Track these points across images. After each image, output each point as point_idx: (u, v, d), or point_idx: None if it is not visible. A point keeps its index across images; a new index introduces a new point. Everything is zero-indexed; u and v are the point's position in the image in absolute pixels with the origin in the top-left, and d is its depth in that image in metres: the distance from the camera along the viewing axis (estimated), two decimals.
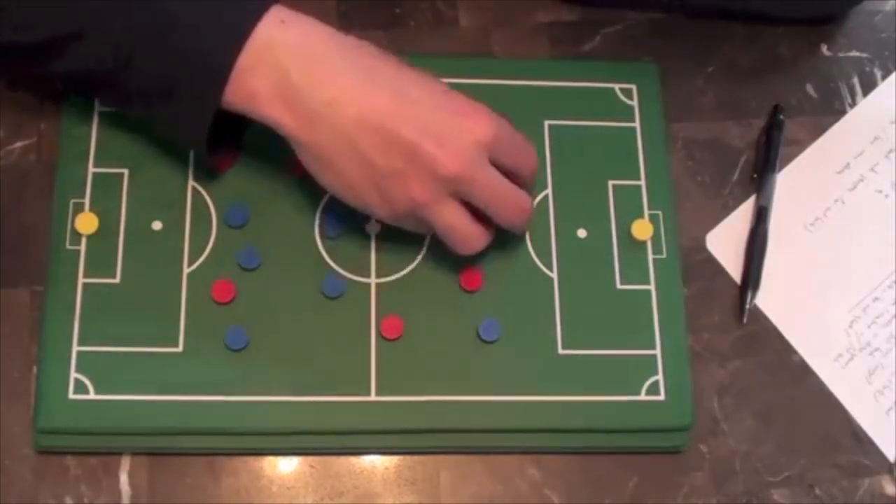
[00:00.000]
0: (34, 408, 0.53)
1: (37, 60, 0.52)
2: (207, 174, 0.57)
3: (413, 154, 0.49)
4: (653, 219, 0.60)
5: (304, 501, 0.54)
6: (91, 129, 0.58)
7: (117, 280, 0.55)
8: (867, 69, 0.67)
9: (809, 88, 0.66)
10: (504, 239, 0.58)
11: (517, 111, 0.61)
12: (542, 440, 0.56)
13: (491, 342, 0.56)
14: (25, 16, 0.50)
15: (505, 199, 0.52)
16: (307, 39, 0.50)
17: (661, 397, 0.57)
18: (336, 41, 0.51)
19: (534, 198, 0.59)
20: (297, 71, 0.49)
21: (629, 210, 0.60)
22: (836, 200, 0.64)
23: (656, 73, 0.64)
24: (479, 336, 0.56)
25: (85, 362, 0.53)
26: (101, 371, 0.53)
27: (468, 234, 0.53)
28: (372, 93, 0.50)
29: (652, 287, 0.59)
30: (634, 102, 0.63)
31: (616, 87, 0.63)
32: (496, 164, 0.52)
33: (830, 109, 0.66)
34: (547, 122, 0.61)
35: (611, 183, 0.61)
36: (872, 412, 0.59)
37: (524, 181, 0.54)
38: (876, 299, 0.62)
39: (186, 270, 0.56)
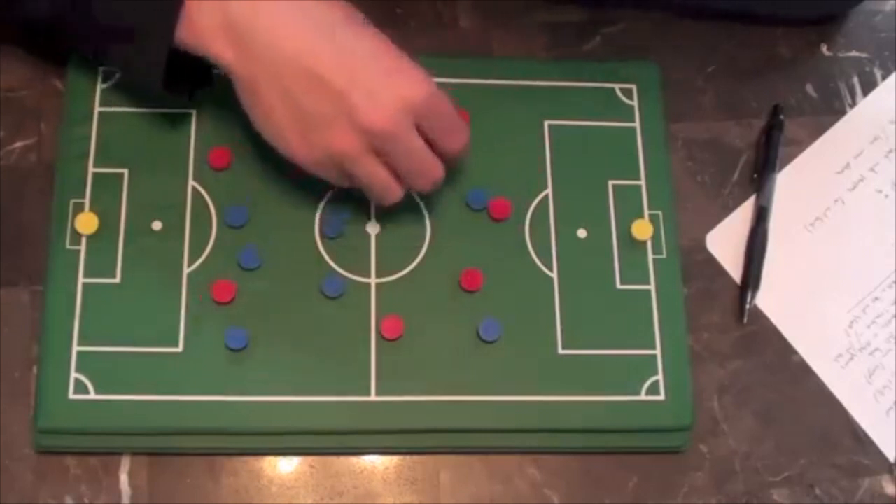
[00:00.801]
0: (34, 408, 0.53)
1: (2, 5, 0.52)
2: (207, 173, 0.57)
3: (340, 102, 0.49)
4: (653, 219, 0.60)
5: (304, 501, 0.54)
6: (91, 129, 0.58)
7: (117, 280, 0.55)
8: (867, 69, 0.67)
9: (809, 88, 0.66)
10: (504, 239, 0.59)
11: (517, 111, 0.61)
12: (542, 440, 0.56)
13: (491, 342, 0.56)
14: None
15: (418, 164, 0.52)
16: None
17: (661, 397, 0.57)
18: None
19: (534, 198, 0.60)
20: (238, 8, 0.49)
21: (629, 210, 0.60)
22: (836, 200, 0.64)
23: (656, 73, 0.64)
24: (479, 336, 0.56)
25: (85, 362, 0.53)
26: (101, 371, 0.53)
27: (387, 188, 0.53)
28: (311, 34, 0.50)
29: (652, 287, 0.59)
30: (634, 102, 0.63)
31: (616, 87, 0.63)
32: (421, 131, 0.52)
33: (830, 109, 0.66)
34: (547, 122, 0.61)
35: (611, 183, 0.61)
36: (872, 412, 0.59)
37: (447, 158, 0.54)
38: (876, 299, 0.62)
39: (186, 270, 0.56)
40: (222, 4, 0.49)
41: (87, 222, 0.56)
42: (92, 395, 0.53)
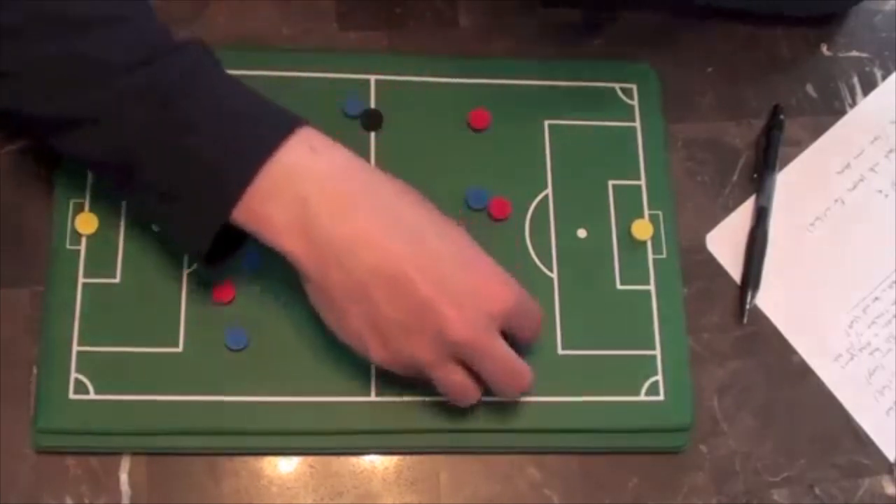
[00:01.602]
0: (34, 408, 0.53)
1: (45, 134, 0.49)
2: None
3: (425, 312, 0.47)
4: (653, 219, 0.60)
5: (304, 501, 0.54)
6: None
7: (117, 280, 0.55)
8: (867, 69, 0.67)
9: (809, 88, 0.66)
10: (504, 239, 0.58)
11: (517, 111, 0.61)
12: (542, 440, 0.56)
13: None
14: (45, 88, 0.47)
15: (505, 372, 0.51)
16: (334, 172, 0.48)
17: (661, 397, 0.57)
18: (365, 177, 0.49)
19: (534, 198, 0.60)
20: (318, 205, 0.47)
21: (629, 210, 0.60)
22: (836, 200, 0.64)
23: (656, 73, 0.64)
24: None
25: (85, 362, 0.53)
26: (101, 371, 0.53)
27: (465, 393, 0.51)
28: (393, 239, 0.47)
29: (652, 287, 0.59)
30: (634, 102, 0.63)
31: (616, 87, 0.63)
32: (503, 330, 0.50)
33: (830, 109, 0.66)
34: (547, 122, 0.61)
35: (611, 183, 0.61)
36: (872, 412, 0.59)
37: (527, 343, 0.53)
38: (876, 299, 0.62)
39: (186, 270, 0.56)
40: (298, 203, 0.46)
41: (87, 222, 0.56)
42: (92, 395, 0.53)
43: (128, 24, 0.48)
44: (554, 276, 0.58)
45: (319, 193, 0.47)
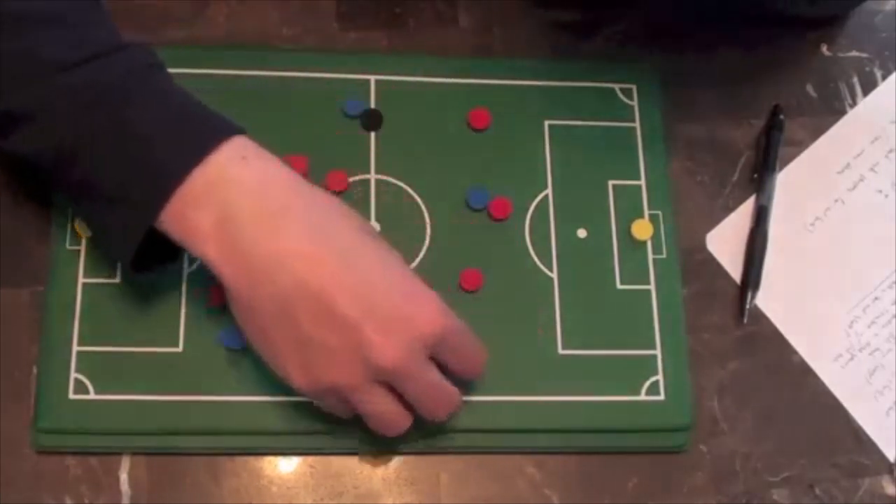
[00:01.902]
0: (34, 408, 0.53)
1: None
2: None
3: (351, 335, 0.46)
4: (653, 219, 0.60)
5: (304, 501, 0.54)
6: None
7: (117, 280, 0.55)
8: (867, 69, 0.67)
9: (809, 88, 0.66)
10: (504, 239, 0.58)
11: (517, 111, 0.61)
12: (542, 440, 0.56)
13: (490, 342, 0.56)
14: None
15: (433, 397, 0.49)
16: (265, 183, 0.47)
17: (661, 397, 0.57)
18: (297, 192, 0.47)
19: (534, 198, 0.60)
20: (244, 215, 0.45)
21: (629, 210, 0.60)
22: (836, 200, 0.64)
23: (656, 73, 0.64)
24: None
25: (85, 362, 0.53)
26: (101, 371, 0.53)
27: (392, 419, 0.49)
28: (321, 256, 0.46)
29: (652, 287, 0.59)
30: (634, 102, 0.63)
31: (616, 87, 0.63)
32: (435, 357, 0.49)
33: (830, 109, 0.66)
34: (547, 122, 0.61)
35: (611, 183, 0.61)
36: (872, 412, 0.59)
37: (466, 377, 0.52)
38: (876, 299, 0.62)
39: (186, 270, 0.56)
40: (224, 210, 0.45)
41: None
42: (92, 395, 0.53)
43: (67, 22, 0.48)
44: (554, 276, 0.58)
45: (247, 204, 0.46)
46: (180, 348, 0.54)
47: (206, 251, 0.46)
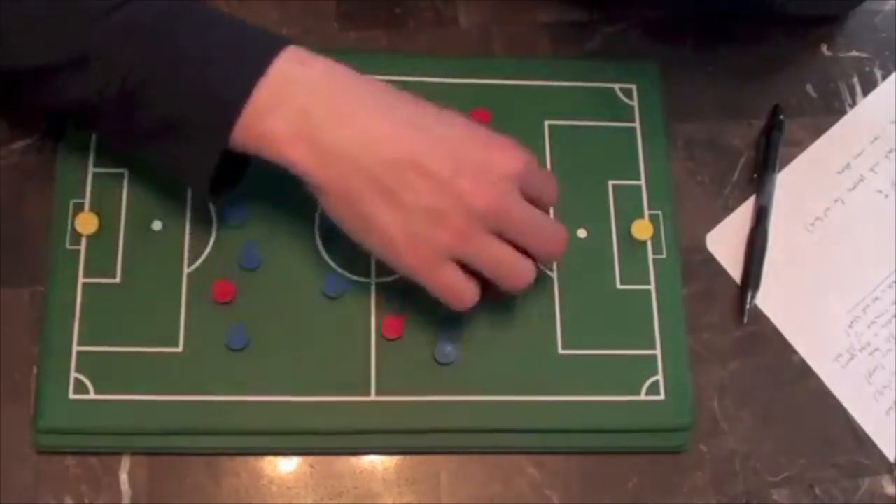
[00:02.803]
0: (34, 408, 0.53)
1: (39, 87, 0.49)
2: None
3: (447, 190, 0.48)
4: (653, 219, 0.60)
5: (304, 501, 0.54)
6: None
7: (117, 280, 0.55)
8: (867, 69, 0.67)
9: (809, 88, 0.66)
10: None
11: (517, 111, 0.61)
12: (542, 440, 0.56)
13: (490, 342, 0.56)
14: (29, 39, 0.48)
15: (542, 231, 0.51)
16: (329, 77, 0.48)
17: (661, 397, 0.57)
18: (359, 81, 0.49)
19: None
20: (319, 109, 0.47)
21: (629, 210, 0.60)
22: (836, 200, 0.64)
23: (656, 73, 0.64)
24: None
25: (85, 362, 0.54)
26: (101, 371, 0.53)
27: (517, 267, 0.51)
28: (399, 131, 0.48)
29: (652, 287, 0.59)
30: (634, 102, 0.63)
31: (616, 87, 0.63)
32: (527, 195, 0.51)
33: (830, 109, 0.66)
34: (547, 122, 0.61)
35: (611, 183, 0.61)
36: (872, 412, 0.59)
37: (546, 211, 0.53)
38: (876, 299, 0.62)
39: (186, 270, 0.56)
40: (297, 111, 0.47)
41: (87, 222, 0.56)
42: (92, 395, 0.53)
43: None
44: (554, 276, 0.58)
45: (318, 100, 0.48)
46: (180, 348, 0.54)
47: (289, 155, 0.48)
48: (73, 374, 0.53)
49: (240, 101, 0.47)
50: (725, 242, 0.62)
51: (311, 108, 0.48)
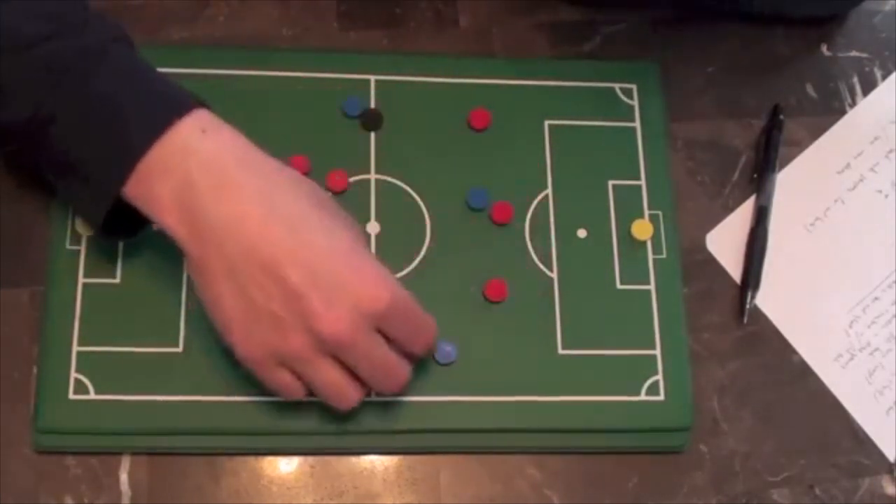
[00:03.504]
0: (34, 408, 0.53)
1: None
2: None
3: (295, 304, 0.46)
4: (653, 219, 0.60)
5: (304, 501, 0.54)
6: None
7: (117, 280, 0.55)
8: (867, 69, 0.67)
9: (809, 88, 0.66)
10: (504, 238, 0.58)
11: (517, 111, 0.61)
12: (542, 440, 0.56)
13: (490, 342, 0.56)
14: None
15: (380, 369, 0.49)
16: (221, 153, 0.48)
17: (661, 397, 0.57)
18: (251, 162, 0.48)
19: (534, 198, 0.60)
20: (200, 184, 0.47)
21: (629, 210, 0.60)
22: (836, 200, 0.64)
23: (656, 73, 0.64)
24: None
25: (85, 362, 0.53)
26: (101, 371, 0.53)
27: (341, 392, 0.50)
28: (272, 226, 0.47)
29: (652, 287, 0.59)
30: (634, 102, 0.63)
31: (616, 86, 0.63)
32: (383, 332, 0.49)
33: (830, 109, 0.66)
34: (547, 122, 0.61)
35: (611, 183, 0.61)
36: (872, 412, 0.59)
37: (415, 353, 0.51)
38: (876, 299, 0.62)
39: (186, 270, 0.56)
40: (183, 181, 0.47)
41: None
42: (92, 395, 0.53)
43: None
44: (554, 276, 0.58)
45: (203, 173, 0.47)
46: (180, 348, 0.54)
47: (167, 220, 0.48)
48: (73, 374, 0.53)
49: (134, 158, 0.47)
50: (725, 242, 0.62)
51: (195, 179, 0.47)
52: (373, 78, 0.61)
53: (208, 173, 0.47)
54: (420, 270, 0.57)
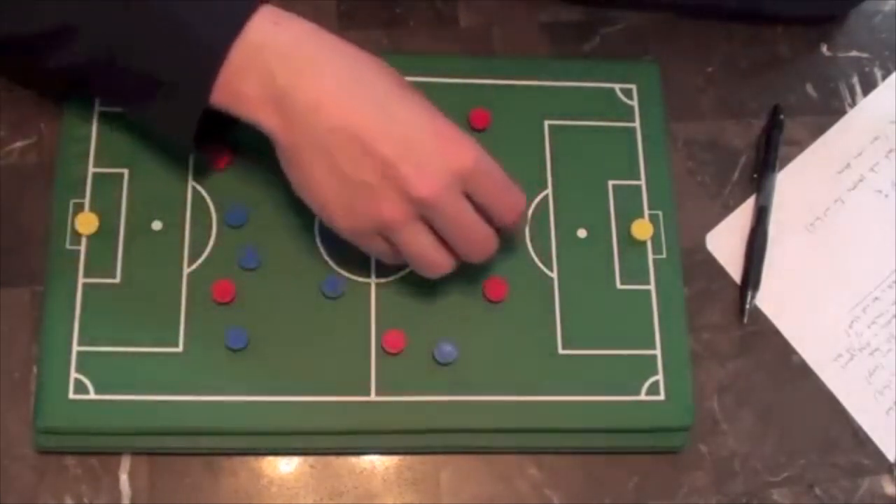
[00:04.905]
0: (34, 408, 0.53)
1: (32, 54, 0.51)
2: (207, 173, 0.57)
3: (387, 171, 0.48)
4: (653, 219, 0.60)
5: (304, 501, 0.54)
6: (91, 130, 0.58)
7: (117, 280, 0.55)
8: (867, 69, 0.67)
9: (809, 88, 0.66)
10: (503, 239, 0.58)
11: (517, 111, 0.61)
12: (542, 440, 0.56)
13: (490, 342, 0.56)
14: (20, 8, 0.50)
15: (469, 233, 0.51)
16: (298, 42, 0.49)
17: (661, 397, 0.57)
18: (329, 45, 0.50)
19: (534, 198, 0.60)
20: (284, 74, 0.48)
21: (629, 210, 0.60)
22: (836, 200, 0.64)
23: (656, 73, 0.64)
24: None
25: (85, 362, 0.53)
26: (101, 371, 0.53)
27: (433, 258, 0.52)
28: (356, 102, 0.49)
29: (652, 287, 0.59)
30: (634, 102, 0.63)
31: (616, 86, 0.63)
32: (472, 198, 0.51)
33: (830, 109, 0.66)
34: (547, 122, 0.61)
35: (611, 183, 0.61)
36: (872, 412, 0.59)
37: (504, 222, 0.53)
38: (876, 299, 0.62)
39: (186, 270, 0.56)
40: (266, 75, 0.48)
41: (87, 222, 0.56)
42: (92, 395, 0.53)
43: None
44: (554, 276, 0.58)
45: (284, 63, 0.49)
46: (180, 348, 0.54)
47: (258, 116, 0.50)
48: (73, 374, 0.53)
49: (216, 64, 0.49)
50: (725, 242, 0.62)
51: (277, 70, 0.48)
52: None
53: (289, 62, 0.49)
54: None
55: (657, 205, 0.60)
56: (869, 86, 0.67)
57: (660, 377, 0.57)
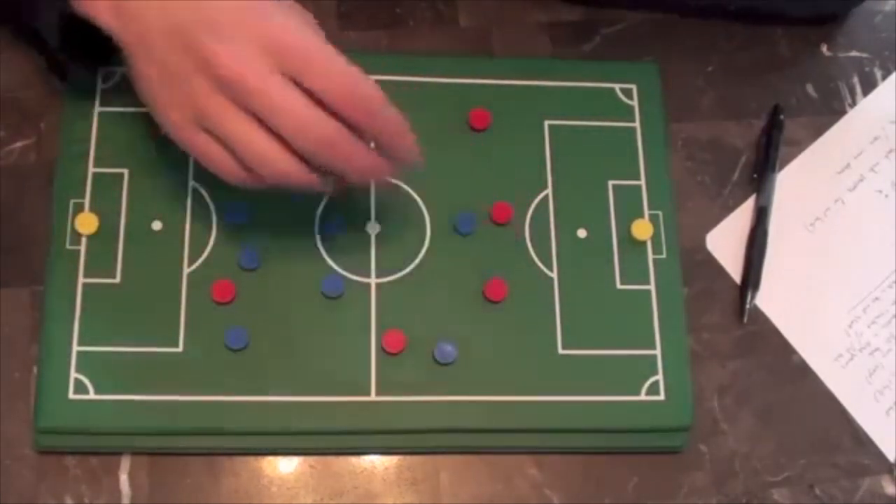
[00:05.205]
0: (34, 408, 0.53)
1: None
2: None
3: (196, 52, 0.46)
4: (653, 219, 0.60)
5: (304, 501, 0.54)
6: (91, 129, 0.58)
7: (117, 280, 0.55)
8: (867, 69, 0.67)
9: (809, 88, 0.66)
10: (504, 238, 0.58)
11: (517, 111, 0.61)
12: (542, 440, 0.56)
13: (490, 342, 0.56)
14: None
15: (299, 122, 0.46)
16: None
17: (661, 397, 0.57)
18: None
19: (534, 198, 0.60)
20: None
21: (629, 210, 0.60)
22: (836, 200, 0.64)
23: (656, 73, 0.64)
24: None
25: (85, 362, 0.53)
26: (101, 371, 0.53)
27: (263, 151, 0.47)
28: None
29: (652, 287, 0.59)
30: (634, 102, 0.63)
31: (616, 87, 0.63)
32: (303, 87, 0.46)
33: (830, 109, 0.66)
34: (547, 122, 0.61)
35: (611, 183, 0.61)
36: (872, 412, 0.59)
37: (348, 115, 0.47)
38: (876, 299, 0.62)
39: (186, 270, 0.56)
40: None
41: (87, 222, 0.56)
42: (92, 395, 0.53)
43: None
44: (554, 276, 0.58)
45: None
46: (180, 348, 0.54)
47: (103, 18, 0.49)
48: (73, 374, 0.53)
49: None
50: (725, 242, 0.62)
51: None
52: (373, 78, 0.61)
53: None
54: (420, 270, 0.57)
55: (657, 205, 0.60)
56: (869, 86, 0.67)
57: (660, 377, 0.57)
